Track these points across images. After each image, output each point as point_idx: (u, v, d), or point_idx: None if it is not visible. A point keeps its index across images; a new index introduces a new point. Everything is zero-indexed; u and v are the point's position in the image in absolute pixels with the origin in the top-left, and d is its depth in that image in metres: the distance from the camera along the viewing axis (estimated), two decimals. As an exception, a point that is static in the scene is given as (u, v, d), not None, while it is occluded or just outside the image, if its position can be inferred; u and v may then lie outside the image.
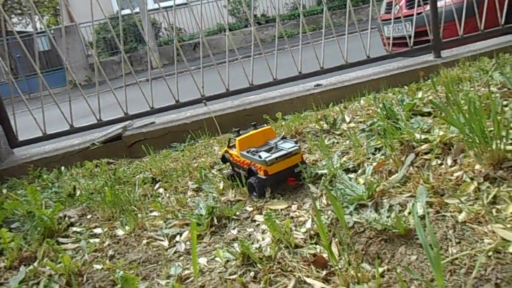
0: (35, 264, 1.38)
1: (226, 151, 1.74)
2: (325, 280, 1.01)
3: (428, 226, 0.82)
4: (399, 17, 3.95)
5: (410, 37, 3.14)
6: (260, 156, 1.50)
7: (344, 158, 1.52)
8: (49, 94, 2.79)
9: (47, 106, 2.77)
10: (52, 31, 13.58)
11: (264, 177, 1.49)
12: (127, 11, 12.61)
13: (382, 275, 0.94)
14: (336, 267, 0.99)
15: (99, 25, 13.86)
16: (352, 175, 1.39)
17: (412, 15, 3.14)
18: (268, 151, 1.54)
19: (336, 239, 1.12)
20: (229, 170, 1.79)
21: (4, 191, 2.15)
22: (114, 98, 2.77)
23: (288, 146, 1.54)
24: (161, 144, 2.62)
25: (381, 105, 1.68)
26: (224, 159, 1.78)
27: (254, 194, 1.55)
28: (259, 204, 1.50)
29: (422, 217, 1.02)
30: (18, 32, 2.84)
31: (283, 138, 1.64)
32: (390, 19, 3.78)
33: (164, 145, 2.61)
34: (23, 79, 13.10)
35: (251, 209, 1.48)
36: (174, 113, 2.97)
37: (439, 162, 1.27)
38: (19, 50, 12.03)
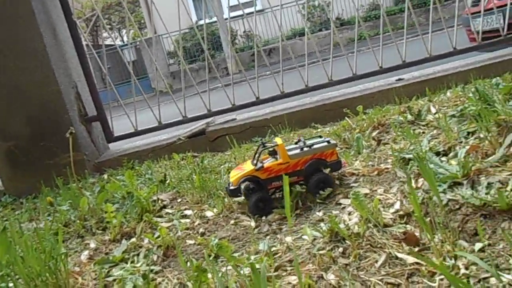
0: (135, 238, 1.50)
1: (249, 175, 1.47)
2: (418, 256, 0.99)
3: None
4: (489, 9, 3.71)
5: (503, 29, 2.94)
6: (328, 141, 1.50)
7: (433, 142, 1.47)
8: (137, 100, 3.04)
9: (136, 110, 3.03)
10: (137, 43, 14.59)
11: (337, 160, 1.49)
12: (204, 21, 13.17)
13: (482, 250, 0.90)
14: (431, 242, 0.96)
15: (179, 35, 14.67)
16: (443, 158, 1.34)
17: (504, 5, 2.94)
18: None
19: (429, 218, 1.09)
20: (254, 202, 1.45)
21: (105, 176, 2.37)
22: (194, 103, 2.94)
23: (313, 141, 1.55)
24: (242, 139, 2.70)
25: (473, 89, 1.60)
26: (238, 191, 1.47)
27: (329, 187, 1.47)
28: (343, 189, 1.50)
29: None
30: (107, 45, 3.14)
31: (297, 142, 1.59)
32: (479, 12, 3.56)
33: (245, 140, 2.69)
34: (112, 87, 14.20)
35: (336, 192, 1.49)
36: (253, 110, 3.05)
37: (544, 142, 1.18)
38: (109, 62, 13.05)
